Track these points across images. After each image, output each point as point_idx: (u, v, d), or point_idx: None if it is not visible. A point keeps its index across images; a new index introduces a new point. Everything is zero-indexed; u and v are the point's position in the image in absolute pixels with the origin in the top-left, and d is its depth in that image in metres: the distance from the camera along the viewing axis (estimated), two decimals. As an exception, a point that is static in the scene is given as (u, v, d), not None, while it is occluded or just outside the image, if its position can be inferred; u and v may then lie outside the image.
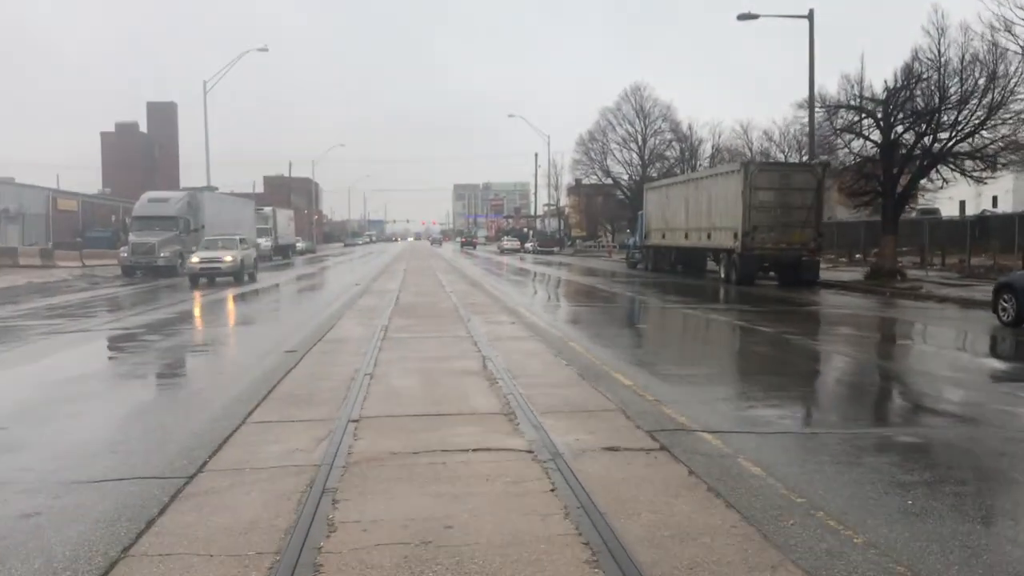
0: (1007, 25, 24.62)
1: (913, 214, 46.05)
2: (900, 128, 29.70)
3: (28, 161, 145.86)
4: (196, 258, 32.11)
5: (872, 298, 24.71)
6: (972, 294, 22.85)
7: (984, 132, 28.38)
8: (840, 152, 33.69)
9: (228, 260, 32.06)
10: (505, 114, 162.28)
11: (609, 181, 70.04)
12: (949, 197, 45.78)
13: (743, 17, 34.00)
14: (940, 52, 28.09)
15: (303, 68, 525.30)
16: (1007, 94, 27.15)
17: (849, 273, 34.04)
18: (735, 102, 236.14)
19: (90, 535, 5.10)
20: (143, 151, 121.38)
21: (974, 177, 30.21)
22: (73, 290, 29.26)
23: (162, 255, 37.20)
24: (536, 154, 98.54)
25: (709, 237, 33.64)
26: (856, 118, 30.69)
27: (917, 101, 29.20)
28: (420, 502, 5.65)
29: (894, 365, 12.84)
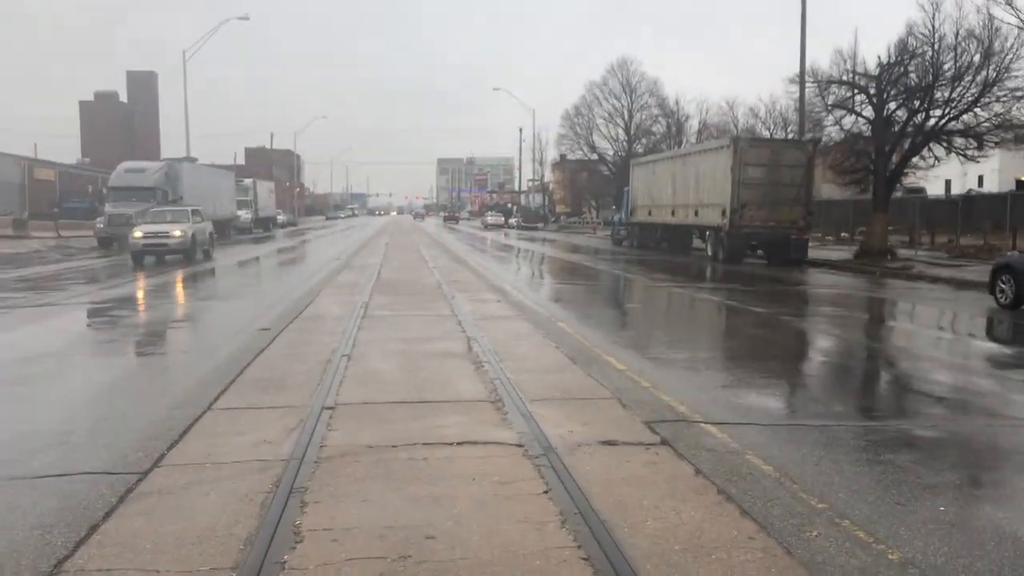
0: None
1: (899, 193, 45.63)
2: (893, 105, 29.15)
3: (4, 128, 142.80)
4: (139, 232, 27.35)
5: (863, 278, 24.25)
6: (964, 275, 22.44)
7: (978, 110, 27.90)
8: (829, 129, 33.14)
9: (177, 235, 27.41)
10: (490, 88, 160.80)
11: (594, 157, 69.21)
12: (935, 176, 45.38)
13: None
14: (934, 27, 27.54)
15: (285, 39, 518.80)
16: (1002, 71, 26.63)
17: (837, 252, 33.61)
18: (722, 78, 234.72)
19: (20, 545, 4.46)
20: (123, 121, 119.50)
21: (967, 156, 29.75)
22: (45, 262, 28.37)
23: (138, 226, 36.13)
24: (521, 129, 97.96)
25: (696, 214, 33.09)
26: (848, 94, 30.09)
27: (911, 77, 28.64)
28: (398, 506, 5.04)
29: (897, 350, 12.33)
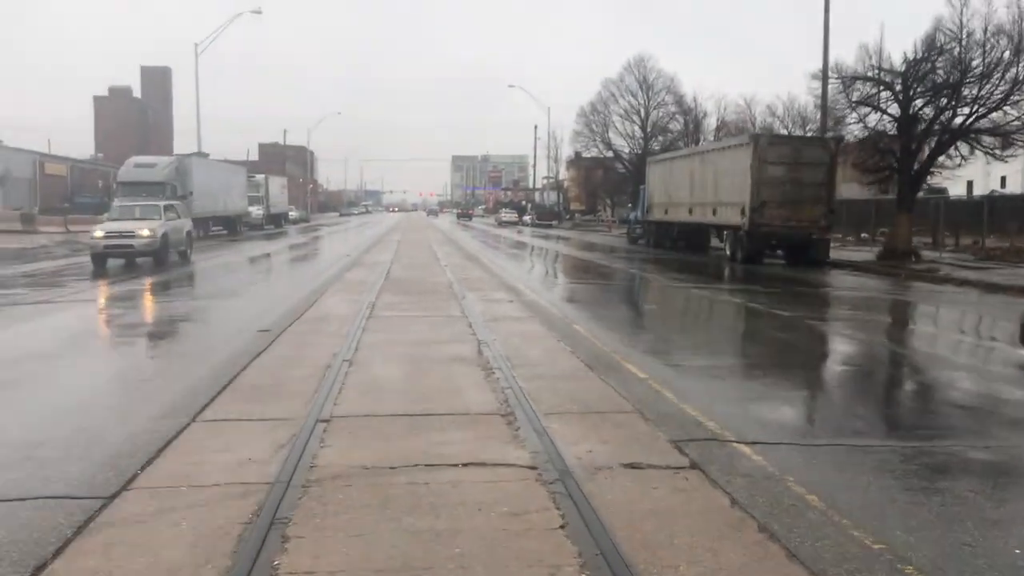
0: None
1: (921, 193, 44.67)
2: (919, 102, 28.27)
3: (20, 124, 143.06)
4: (100, 231, 23.06)
5: (888, 280, 23.43)
6: (992, 278, 21.61)
7: (1007, 107, 27.02)
8: (853, 126, 32.26)
9: (144, 235, 22.97)
10: (505, 85, 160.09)
11: (610, 154, 68.33)
12: (957, 176, 44.45)
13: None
14: (963, 22, 26.66)
15: (299, 34, 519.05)
16: (1033, 68, 25.74)
17: (859, 253, 32.77)
18: (740, 76, 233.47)
19: (-47, 589, 3.86)
20: (136, 116, 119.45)
21: (995, 155, 28.86)
22: (50, 257, 27.95)
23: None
24: (536, 126, 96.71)
25: (714, 213, 32.30)
26: (874, 90, 29.22)
27: (938, 74, 27.77)
28: (394, 542, 4.40)
29: (936, 359, 11.56)
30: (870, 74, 29.04)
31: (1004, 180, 53.92)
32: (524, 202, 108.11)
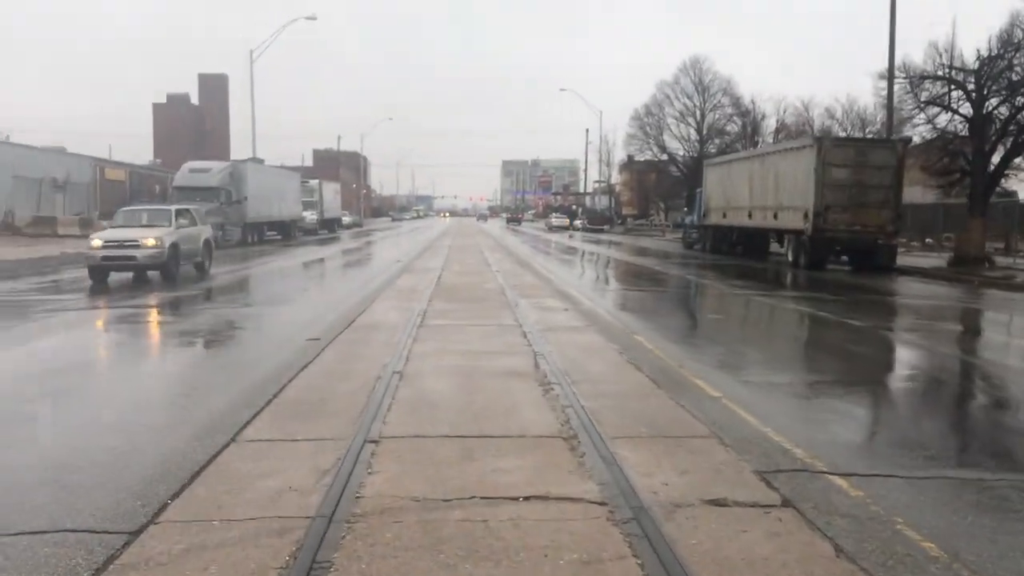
0: None
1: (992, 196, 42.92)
2: (994, 101, 26.98)
3: (84, 131, 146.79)
4: (98, 240, 19.67)
5: (961, 288, 22.26)
6: (1078, 286, 20.40)
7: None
8: (920, 127, 30.98)
9: (149, 245, 19.49)
10: (557, 89, 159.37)
11: (664, 157, 67.28)
12: (1022, 180, 42.70)
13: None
14: (1041, 17, 25.35)
15: (352, 40, 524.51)
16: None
17: (926, 259, 31.45)
18: (798, 78, 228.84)
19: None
20: (193, 122, 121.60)
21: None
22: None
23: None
24: (587, 129, 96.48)
25: (775, 217, 31.26)
26: (944, 90, 27.98)
27: (1014, 71, 26.46)
28: (448, 596, 3.82)
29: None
30: (940, 73, 27.85)
31: (1078, 183, 51.67)
32: (574, 207, 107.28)
